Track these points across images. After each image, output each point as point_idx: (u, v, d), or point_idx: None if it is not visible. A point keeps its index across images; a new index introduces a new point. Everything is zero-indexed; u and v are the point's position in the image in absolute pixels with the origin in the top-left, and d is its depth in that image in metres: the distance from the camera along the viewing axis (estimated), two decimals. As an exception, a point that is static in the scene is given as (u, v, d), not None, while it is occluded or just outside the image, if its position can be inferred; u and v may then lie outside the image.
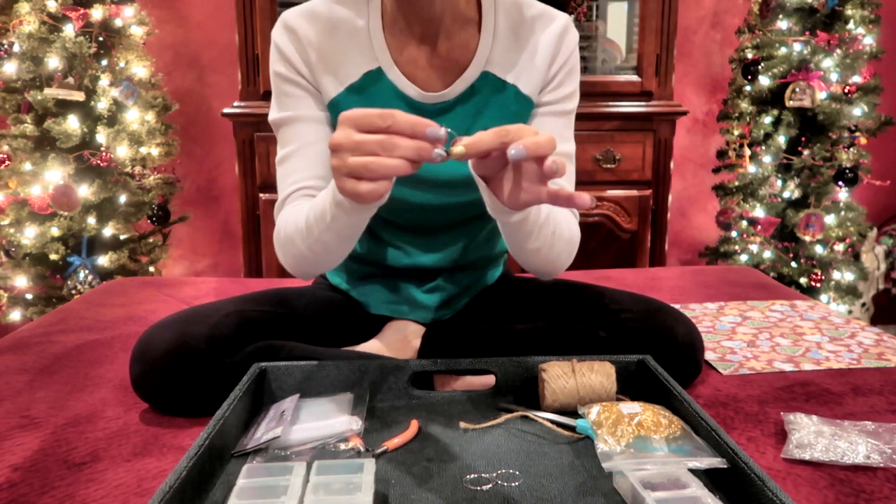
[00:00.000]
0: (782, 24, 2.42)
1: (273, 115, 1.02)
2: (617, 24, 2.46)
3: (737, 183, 2.57)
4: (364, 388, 0.96)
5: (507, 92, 1.02)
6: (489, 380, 1.00)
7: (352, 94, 1.00)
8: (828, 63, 2.38)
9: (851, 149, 2.41)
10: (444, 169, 0.99)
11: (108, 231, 2.33)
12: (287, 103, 1.00)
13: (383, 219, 1.08)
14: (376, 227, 1.10)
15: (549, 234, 0.91)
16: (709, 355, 1.19)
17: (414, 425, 0.87)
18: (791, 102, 2.38)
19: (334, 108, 1.00)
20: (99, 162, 2.25)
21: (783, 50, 2.42)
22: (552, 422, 0.87)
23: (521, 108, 1.03)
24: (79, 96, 2.17)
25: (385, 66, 0.99)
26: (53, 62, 2.16)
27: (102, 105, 2.24)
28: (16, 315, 2.34)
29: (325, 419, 0.86)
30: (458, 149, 0.69)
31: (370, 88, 1.00)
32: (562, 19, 1.03)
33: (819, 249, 2.48)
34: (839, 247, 2.50)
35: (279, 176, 1.01)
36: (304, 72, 0.99)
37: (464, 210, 1.07)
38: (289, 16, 0.99)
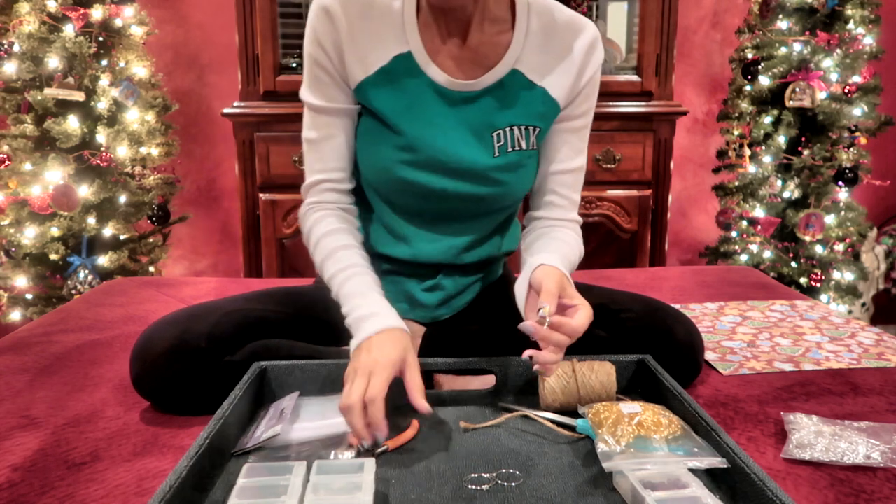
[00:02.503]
0: (782, 24, 2.42)
1: (305, 95, 1.04)
2: (617, 24, 2.46)
3: (737, 183, 2.57)
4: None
5: (535, 92, 1.03)
6: (489, 380, 1.00)
7: (381, 76, 1.01)
8: (828, 63, 2.37)
9: (851, 149, 2.41)
10: (468, 157, 1.01)
11: (108, 231, 2.33)
12: (319, 89, 1.03)
13: (394, 203, 1.08)
14: (384, 212, 1.10)
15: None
16: (709, 355, 1.19)
17: (414, 425, 0.87)
18: (791, 102, 2.38)
19: (363, 91, 1.01)
20: (99, 162, 2.25)
21: (783, 50, 2.42)
22: (552, 422, 0.87)
23: (547, 110, 1.04)
24: (79, 96, 2.17)
25: (415, 51, 1.00)
26: (53, 62, 2.16)
27: (102, 105, 2.24)
28: (16, 315, 2.34)
29: (323, 419, 0.86)
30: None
31: (399, 72, 1.01)
32: (590, 30, 1.05)
33: (819, 249, 2.48)
34: (839, 247, 2.49)
35: (306, 156, 1.06)
36: (333, 57, 1.00)
37: (480, 202, 1.07)
38: None
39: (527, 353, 0.84)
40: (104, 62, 2.29)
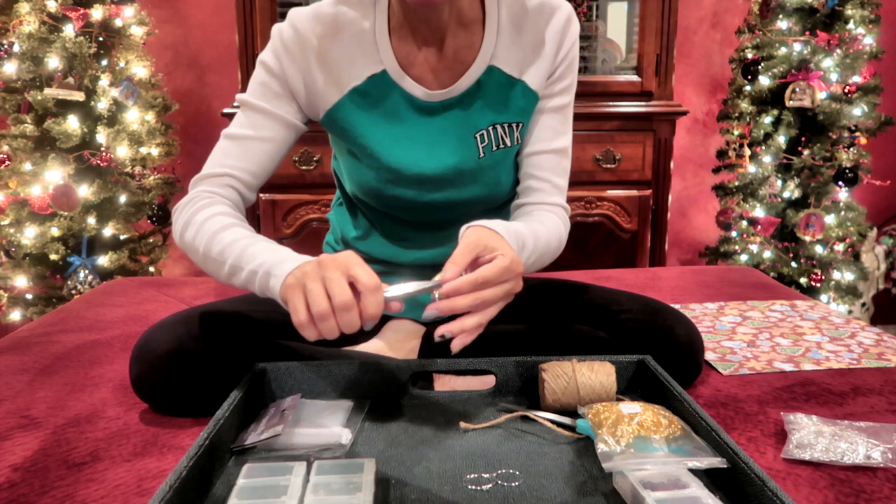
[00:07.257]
0: (782, 24, 2.42)
1: (244, 95, 1.02)
2: (617, 24, 2.46)
3: (737, 183, 2.57)
4: (365, 395, 0.96)
5: (514, 88, 1.02)
6: (489, 380, 1.00)
7: (355, 97, 1.00)
8: (828, 63, 2.37)
9: (851, 149, 2.41)
10: (453, 165, 1.01)
11: (108, 231, 2.33)
12: (261, 93, 1.01)
13: (388, 214, 1.08)
14: (379, 221, 1.10)
15: (539, 261, 0.98)
16: (709, 355, 1.19)
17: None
18: (791, 102, 2.38)
19: (339, 111, 1.01)
20: (99, 162, 2.25)
21: (783, 50, 2.42)
22: (552, 422, 0.87)
23: (527, 103, 1.04)
24: (79, 96, 2.17)
25: (390, 69, 1.00)
26: (53, 62, 2.16)
27: (102, 105, 2.24)
28: (16, 315, 2.34)
29: (317, 427, 0.85)
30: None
31: (375, 92, 1.00)
32: (564, 9, 1.03)
33: (819, 249, 2.48)
34: (839, 247, 2.49)
35: (218, 147, 1.03)
36: (292, 74, 0.99)
37: (474, 204, 1.07)
38: (297, 16, 0.99)
39: (439, 332, 0.77)
40: (104, 62, 2.29)
